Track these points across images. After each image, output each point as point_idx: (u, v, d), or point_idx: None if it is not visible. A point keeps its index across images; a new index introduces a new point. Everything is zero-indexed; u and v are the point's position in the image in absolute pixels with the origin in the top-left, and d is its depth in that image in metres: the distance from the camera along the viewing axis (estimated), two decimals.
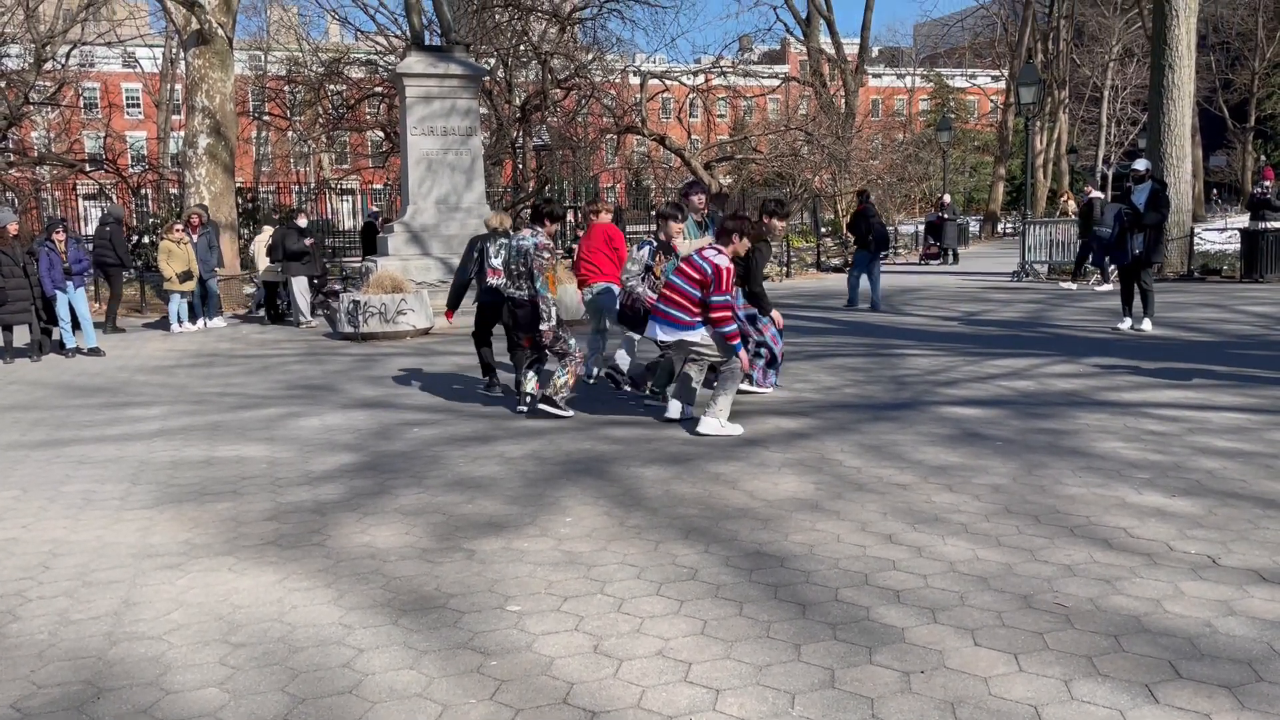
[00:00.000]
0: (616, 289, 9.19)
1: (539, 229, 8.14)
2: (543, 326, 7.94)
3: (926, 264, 28.88)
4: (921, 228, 32.93)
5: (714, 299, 7.25)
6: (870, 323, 14.16)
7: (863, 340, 12.28)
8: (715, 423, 7.28)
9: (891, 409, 8.06)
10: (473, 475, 6.38)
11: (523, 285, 8.04)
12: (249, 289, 18.81)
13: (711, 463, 6.50)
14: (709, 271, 7.26)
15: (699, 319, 7.34)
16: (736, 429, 7.31)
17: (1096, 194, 19.25)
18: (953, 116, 49.41)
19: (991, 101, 60.67)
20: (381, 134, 32.95)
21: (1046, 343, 11.66)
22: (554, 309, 7.93)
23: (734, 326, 7.34)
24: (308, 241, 15.90)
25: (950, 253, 29.07)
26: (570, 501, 5.73)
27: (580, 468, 6.47)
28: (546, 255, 7.95)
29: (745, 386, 8.76)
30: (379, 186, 39.29)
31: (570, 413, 8.02)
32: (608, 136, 33.56)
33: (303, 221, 16.43)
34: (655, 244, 8.73)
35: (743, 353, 7.41)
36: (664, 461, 6.56)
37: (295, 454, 7.13)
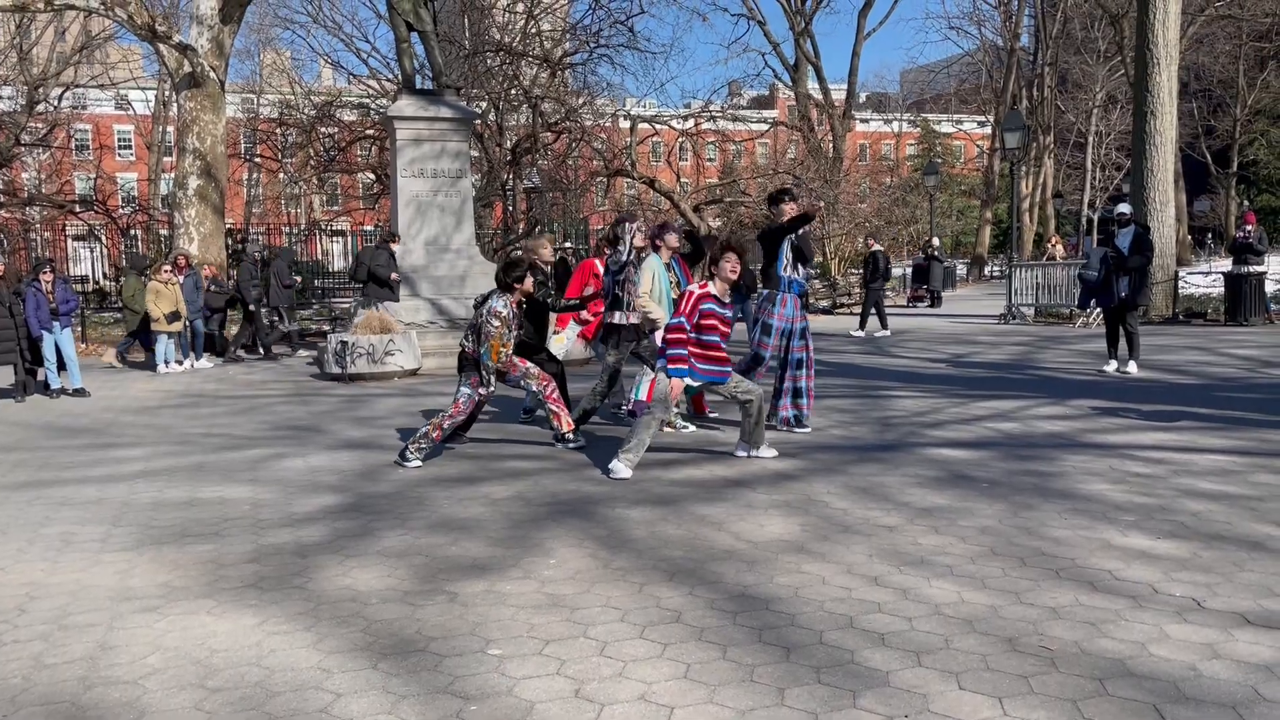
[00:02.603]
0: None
1: (505, 295, 7.82)
2: (481, 391, 7.91)
3: (914, 306, 29.09)
4: (909, 270, 33.19)
5: (670, 320, 7.40)
6: (857, 364, 14.19)
7: (850, 381, 12.30)
8: (622, 466, 7.26)
9: (878, 450, 8.06)
10: (457, 516, 6.33)
11: (470, 338, 7.95)
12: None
13: (698, 504, 6.48)
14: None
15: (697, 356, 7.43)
16: (625, 473, 7.21)
17: (878, 247, 20.45)
18: (939, 161, 50.02)
19: (977, 147, 61.33)
20: (372, 176, 33.09)
21: (1033, 385, 11.70)
22: (491, 377, 7.86)
23: (679, 351, 7.28)
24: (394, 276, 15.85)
25: (937, 295, 29.32)
26: (554, 543, 5.69)
27: (566, 509, 6.43)
28: (496, 324, 7.75)
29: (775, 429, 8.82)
30: (369, 228, 39.32)
31: (416, 462, 7.77)
32: (598, 179, 33.82)
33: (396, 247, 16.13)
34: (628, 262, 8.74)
35: (675, 381, 7.31)
36: (651, 503, 6.54)
37: (279, 495, 7.09)
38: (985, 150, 52.60)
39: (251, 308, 17.75)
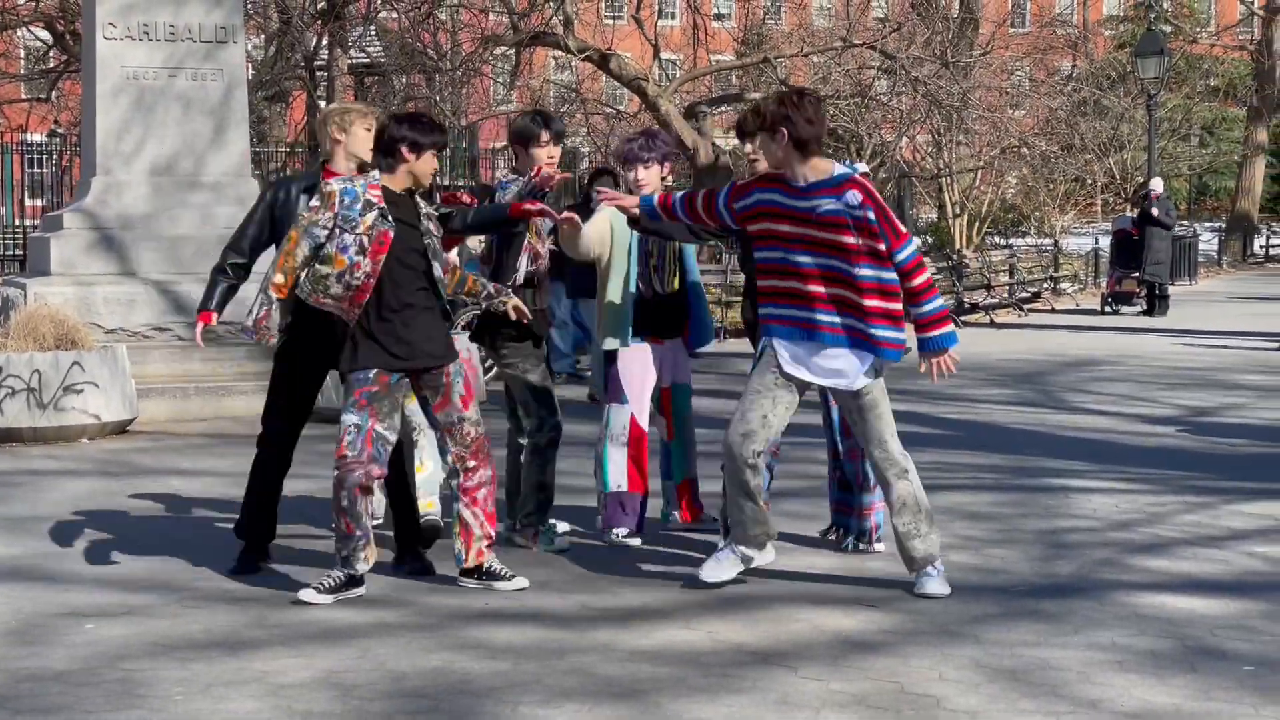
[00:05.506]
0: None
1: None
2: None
3: (1115, 311, 17.80)
4: (1105, 243, 20.40)
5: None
6: (998, 422, 9.19)
7: (990, 458, 7.82)
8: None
9: (1043, 596, 4.80)
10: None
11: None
12: None
13: (683, 696, 3.78)
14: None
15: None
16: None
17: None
18: (1168, 30, 27.54)
19: (1243, 3, 35.46)
20: (46, 33, 20.20)
21: None
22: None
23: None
24: None
25: (1157, 291, 17.63)
26: None
27: (422, 709, 3.66)
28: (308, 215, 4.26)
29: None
30: (37, 137, 22.32)
31: (323, 597, 4.41)
32: (497, 53, 19.30)
33: None
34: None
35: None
36: (590, 695, 3.83)
37: None
38: (1256, 7, 31.47)
39: None
